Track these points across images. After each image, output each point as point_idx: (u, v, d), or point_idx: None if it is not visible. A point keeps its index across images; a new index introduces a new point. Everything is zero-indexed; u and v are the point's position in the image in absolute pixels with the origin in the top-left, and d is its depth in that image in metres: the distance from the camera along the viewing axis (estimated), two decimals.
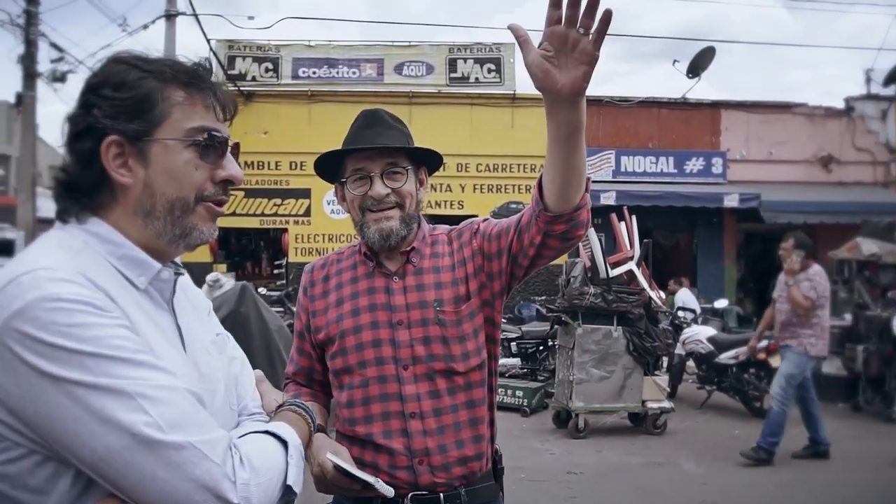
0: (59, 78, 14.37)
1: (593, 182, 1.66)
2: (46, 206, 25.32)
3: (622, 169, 13.61)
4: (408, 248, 1.74)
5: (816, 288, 5.91)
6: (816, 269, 6.06)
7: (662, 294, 8.47)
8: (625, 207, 8.01)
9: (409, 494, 1.62)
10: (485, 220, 1.79)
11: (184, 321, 1.12)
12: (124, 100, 1.02)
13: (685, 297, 11.35)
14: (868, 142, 14.40)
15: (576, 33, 1.23)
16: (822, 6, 43.42)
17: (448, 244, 1.79)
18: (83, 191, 1.04)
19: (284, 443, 1.08)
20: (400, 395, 1.64)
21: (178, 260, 1.17)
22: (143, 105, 1.03)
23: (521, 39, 1.27)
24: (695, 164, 13.78)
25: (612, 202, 11.50)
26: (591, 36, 1.24)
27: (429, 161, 1.82)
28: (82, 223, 1.04)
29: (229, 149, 1.11)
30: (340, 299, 1.75)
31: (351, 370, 1.69)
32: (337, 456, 1.39)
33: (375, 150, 1.70)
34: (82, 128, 1.03)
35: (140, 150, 1.03)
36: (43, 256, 0.96)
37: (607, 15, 1.21)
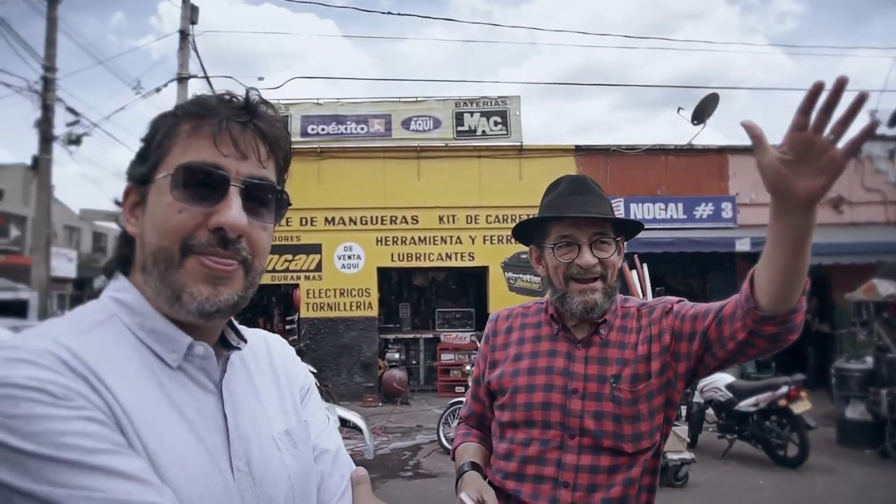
0: (75, 141, 14.69)
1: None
2: (61, 265, 25.64)
3: (631, 216, 13.61)
4: (599, 320, 1.70)
5: None
6: None
7: None
8: (636, 255, 7.98)
9: None
10: (680, 300, 1.72)
11: (240, 408, 0.92)
12: (143, 143, 0.92)
13: None
14: (877, 182, 14.39)
15: (824, 140, 1.14)
16: (821, 51, 44.07)
17: (637, 319, 1.73)
18: (124, 250, 0.95)
19: None
20: (559, 462, 1.61)
21: (242, 330, 1.00)
22: (149, 144, 0.91)
23: (756, 139, 1.18)
24: (704, 210, 13.79)
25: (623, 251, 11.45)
26: (841, 144, 1.14)
27: (628, 230, 1.79)
28: (113, 282, 0.92)
29: (238, 189, 0.89)
30: (519, 355, 1.74)
31: (516, 425, 1.68)
32: (476, 493, 1.46)
33: (587, 219, 1.67)
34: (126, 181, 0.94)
35: (143, 195, 0.90)
36: (41, 329, 0.84)
37: (870, 128, 1.13)
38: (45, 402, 0.74)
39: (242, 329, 1.01)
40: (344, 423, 7.14)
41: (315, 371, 9.98)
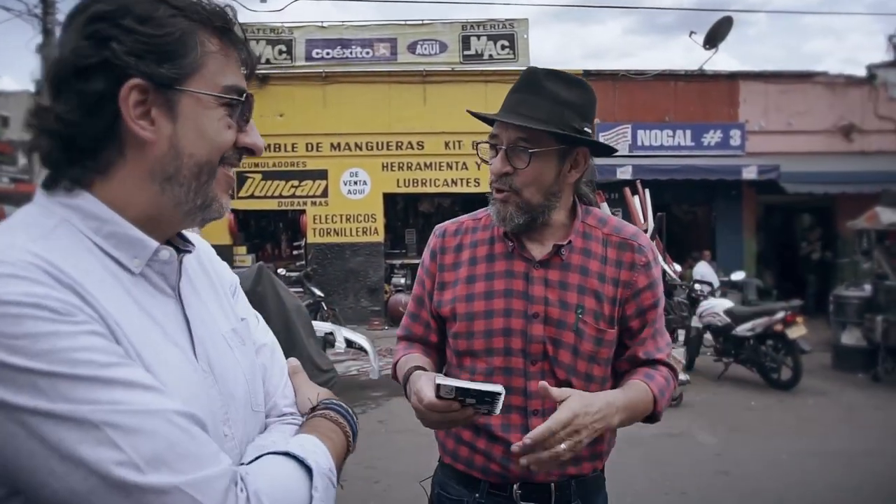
0: None
1: (611, 157, 1.61)
2: None
3: (639, 143, 13.52)
4: (563, 242, 1.57)
5: None
6: None
7: (678, 267, 8.46)
8: (638, 181, 7.98)
9: (517, 483, 1.55)
10: (647, 265, 1.59)
11: (193, 310, 0.93)
12: (153, 37, 0.82)
13: (703, 270, 11.32)
14: (891, 110, 14.14)
15: None
16: None
17: (603, 245, 1.60)
18: (83, 146, 0.83)
19: (309, 469, 0.85)
20: (525, 391, 1.53)
21: (186, 233, 0.99)
22: (176, 47, 0.84)
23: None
24: (712, 137, 13.66)
25: (628, 176, 11.44)
26: None
27: (575, 143, 1.54)
28: (69, 195, 0.84)
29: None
30: (472, 276, 1.59)
31: (475, 355, 1.57)
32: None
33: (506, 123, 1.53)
34: (93, 63, 0.81)
35: (168, 100, 0.84)
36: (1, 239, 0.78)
37: None
38: (47, 318, 0.71)
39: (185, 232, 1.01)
40: (350, 344, 7.34)
41: (322, 295, 10.19)
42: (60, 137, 0.82)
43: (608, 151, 1.69)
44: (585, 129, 1.52)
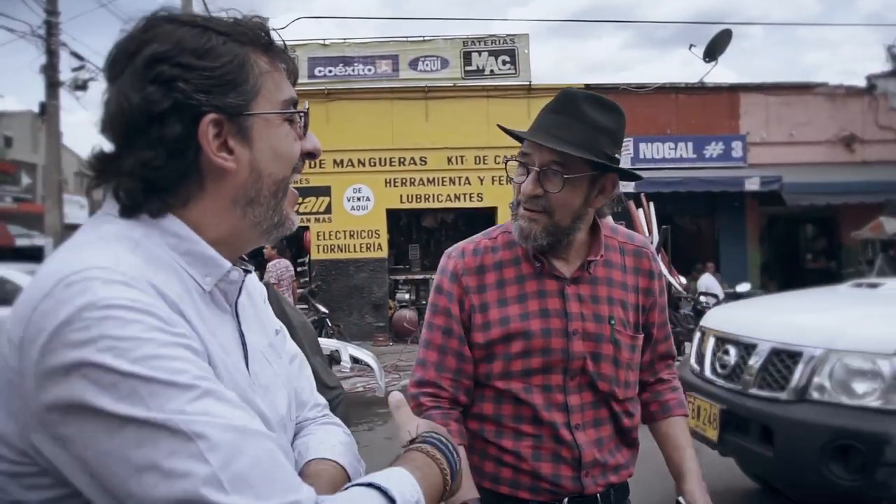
0: (81, 86, 14.63)
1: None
2: (73, 212, 25.79)
3: (641, 156, 13.56)
4: (590, 259, 1.58)
5: None
6: None
7: (683, 280, 8.46)
8: (642, 194, 8.01)
9: (567, 498, 1.55)
10: (659, 273, 1.70)
11: (245, 326, 0.94)
12: (214, 69, 0.83)
13: (708, 282, 11.31)
14: (892, 119, 14.16)
15: None
16: None
17: (621, 254, 1.64)
18: (168, 186, 0.84)
19: (393, 501, 0.80)
20: (566, 406, 1.53)
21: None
22: (237, 75, 0.85)
23: None
24: (714, 149, 13.69)
25: (631, 190, 11.47)
26: None
27: (609, 170, 1.55)
28: (155, 219, 0.85)
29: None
30: (504, 300, 1.55)
31: (511, 376, 1.53)
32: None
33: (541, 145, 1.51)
34: (166, 108, 0.81)
35: (241, 127, 0.86)
36: (98, 251, 0.77)
37: None
38: (153, 325, 0.72)
39: None
40: (356, 361, 7.32)
41: (327, 312, 10.19)
42: (141, 180, 0.83)
43: (634, 178, 1.72)
44: (616, 155, 1.54)
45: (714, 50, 13.37)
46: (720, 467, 4.98)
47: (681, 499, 1.53)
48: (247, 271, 0.95)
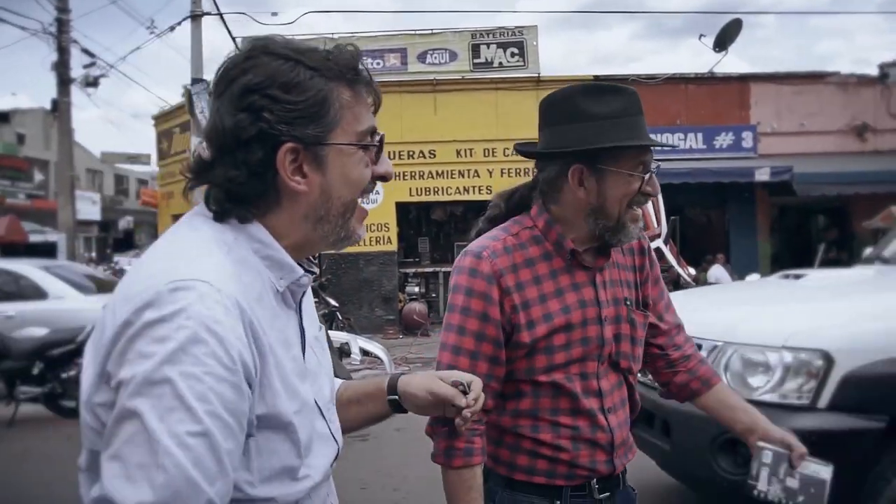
0: (92, 83, 14.75)
1: None
2: (85, 208, 26.00)
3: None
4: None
5: None
6: None
7: (692, 271, 8.44)
8: None
9: (595, 479, 1.59)
10: (648, 248, 1.76)
11: (305, 321, 1.08)
12: (298, 103, 0.94)
13: (718, 273, 11.30)
14: None
15: None
16: None
17: None
18: (248, 200, 0.96)
19: None
20: (599, 392, 1.58)
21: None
22: (318, 109, 0.96)
23: None
24: (724, 139, 13.63)
25: None
26: None
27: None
28: (243, 224, 0.97)
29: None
30: (543, 296, 1.56)
31: (553, 368, 1.55)
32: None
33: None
34: (252, 135, 0.93)
35: (317, 156, 0.97)
36: (203, 257, 0.90)
37: None
38: (220, 360, 0.82)
39: None
40: (366, 353, 7.38)
41: (337, 305, 10.24)
42: (227, 191, 0.95)
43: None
44: None
45: (724, 40, 13.29)
46: None
47: (760, 442, 1.59)
48: (311, 272, 1.05)
